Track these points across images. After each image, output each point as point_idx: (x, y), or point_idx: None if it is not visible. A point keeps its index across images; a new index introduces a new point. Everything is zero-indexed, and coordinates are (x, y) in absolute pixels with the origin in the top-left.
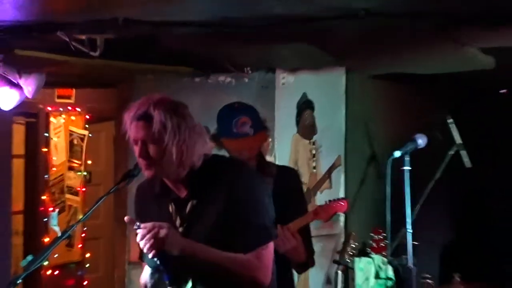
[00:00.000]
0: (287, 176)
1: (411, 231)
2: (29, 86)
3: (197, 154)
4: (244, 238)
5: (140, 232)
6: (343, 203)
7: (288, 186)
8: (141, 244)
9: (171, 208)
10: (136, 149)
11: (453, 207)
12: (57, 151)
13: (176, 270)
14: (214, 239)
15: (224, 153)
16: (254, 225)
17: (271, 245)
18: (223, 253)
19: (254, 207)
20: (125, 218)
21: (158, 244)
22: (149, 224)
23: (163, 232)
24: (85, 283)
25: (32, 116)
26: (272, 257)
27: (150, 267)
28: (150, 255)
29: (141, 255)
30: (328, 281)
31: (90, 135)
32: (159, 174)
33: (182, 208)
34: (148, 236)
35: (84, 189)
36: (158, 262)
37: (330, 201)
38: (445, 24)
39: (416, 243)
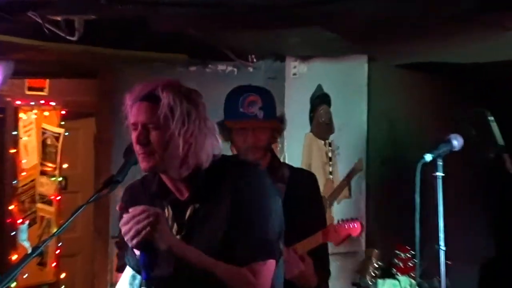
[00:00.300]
0: (303, 181)
1: (444, 248)
2: None
3: (206, 152)
4: (241, 250)
5: (125, 215)
6: (356, 225)
7: (303, 193)
8: (124, 229)
9: (167, 212)
10: (134, 134)
11: (493, 220)
12: (28, 153)
13: (158, 270)
14: (214, 250)
15: (228, 151)
16: (254, 237)
17: (271, 263)
18: (216, 261)
19: (258, 217)
20: (117, 206)
21: (145, 232)
22: (139, 207)
23: (154, 217)
24: None
25: None
26: (271, 277)
27: (132, 268)
28: (132, 244)
29: (119, 267)
30: None
31: (66, 133)
32: (159, 167)
33: (180, 213)
34: (136, 219)
35: (59, 198)
36: (140, 257)
37: (343, 220)
38: (485, 5)
39: (450, 262)
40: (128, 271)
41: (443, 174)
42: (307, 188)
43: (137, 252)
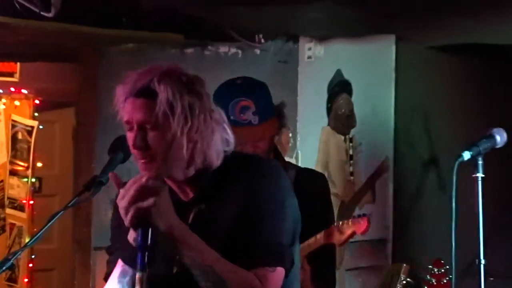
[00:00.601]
0: (311, 183)
1: (484, 262)
2: None
3: (215, 148)
4: (248, 253)
5: (123, 189)
6: (361, 222)
7: (311, 195)
8: (120, 203)
9: None
10: (130, 136)
11: None
12: None
13: (154, 255)
14: (222, 254)
15: None
16: (263, 241)
17: (280, 271)
18: (220, 256)
19: (270, 220)
20: (110, 175)
21: (143, 208)
22: (138, 177)
23: (158, 193)
24: None
25: None
26: (279, 286)
27: (123, 260)
28: (127, 221)
29: (107, 274)
30: None
31: (40, 127)
32: (163, 174)
33: (183, 215)
34: (138, 190)
35: (32, 202)
36: (136, 239)
37: (348, 218)
38: None
39: (492, 278)
40: (117, 269)
41: (483, 175)
42: (315, 191)
43: (131, 239)
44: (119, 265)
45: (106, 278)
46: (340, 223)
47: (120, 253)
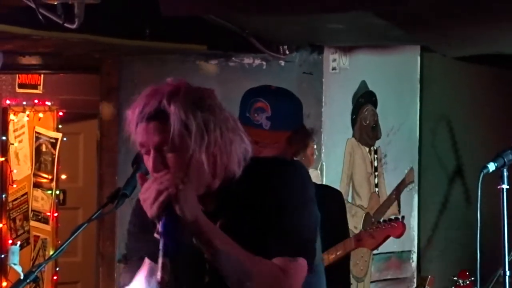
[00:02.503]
0: (327, 200)
1: (509, 273)
2: None
3: (235, 158)
4: (270, 242)
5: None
6: (396, 225)
7: (327, 213)
8: (144, 195)
9: None
10: (149, 161)
11: None
12: (19, 161)
13: (178, 244)
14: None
15: None
16: (285, 231)
17: (302, 262)
18: (244, 250)
19: (293, 214)
20: (138, 175)
21: (170, 193)
22: (166, 171)
23: (180, 179)
24: None
25: None
26: (302, 280)
27: (148, 256)
28: (152, 210)
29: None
30: None
31: (64, 139)
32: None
33: None
34: (158, 180)
35: (56, 214)
36: (161, 227)
37: (379, 222)
38: None
39: None
40: (144, 270)
41: (508, 187)
42: (331, 208)
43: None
44: (146, 265)
45: (124, 258)
46: (370, 228)
47: (147, 251)
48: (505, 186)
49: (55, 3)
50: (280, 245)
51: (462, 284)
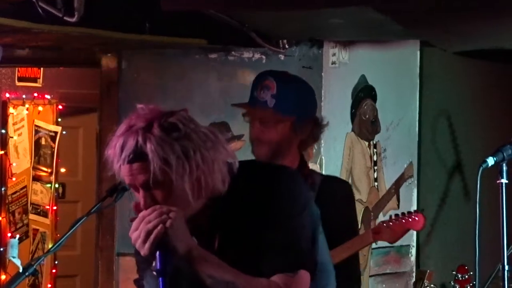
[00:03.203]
0: (336, 191)
1: (507, 268)
2: None
3: (219, 176)
4: (268, 260)
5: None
6: (417, 217)
7: (335, 204)
8: (134, 235)
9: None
10: (139, 198)
11: None
12: (18, 155)
13: (175, 279)
14: (248, 270)
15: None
16: (281, 246)
17: (304, 275)
18: (239, 272)
19: (287, 226)
20: (132, 204)
21: (157, 230)
22: (152, 208)
23: (171, 215)
24: None
25: None
26: None
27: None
28: (144, 250)
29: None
30: None
31: (64, 132)
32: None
33: (207, 242)
34: (146, 219)
35: (55, 208)
36: (155, 265)
37: (397, 215)
38: None
39: None
40: None
41: (507, 181)
42: (339, 199)
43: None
44: None
45: (136, 282)
46: (389, 221)
47: (148, 286)
48: (504, 181)
49: None
50: (278, 261)
51: (461, 279)
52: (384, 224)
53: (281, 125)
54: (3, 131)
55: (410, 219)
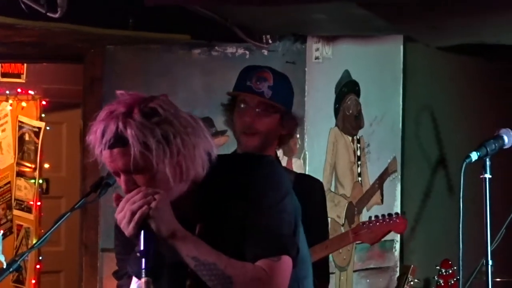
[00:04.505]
0: (308, 189)
1: (491, 263)
2: None
3: (199, 161)
4: (250, 246)
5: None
6: (398, 220)
7: (306, 202)
8: (120, 216)
9: None
10: (121, 183)
11: None
12: (2, 151)
13: (159, 259)
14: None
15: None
16: (264, 231)
17: (286, 260)
18: (224, 255)
19: (270, 211)
20: (113, 195)
21: (142, 211)
22: (137, 189)
23: (156, 197)
24: None
25: None
26: (289, 276)
27: (135, 275)
28: (128, 230)
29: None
30: None
31: (47, 128)
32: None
33: (188, 230)
34: (131, 199)
35: (39, 203)
36: (139, 246)
37: (376, 217)
38: None
39: (499, 279)
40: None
41: (490, 176)
42: (311, 197)
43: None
44: (135, 283)
45: (115, 273)
46: (369, 222)
47: (131, 270)
48: (487, 176)
49: None
50: (262, 247)
51: (444, 274)
52: (364, 225)
53: (273, 117)
54: None
55: (391, 221)
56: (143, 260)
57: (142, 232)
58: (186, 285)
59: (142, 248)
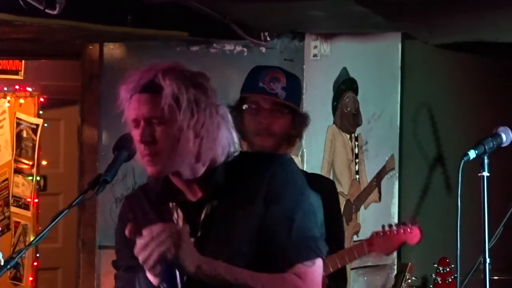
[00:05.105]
0: (321, 190)
1: (489, 261)
2: None
3: (221, 143)
4: (283, 252)
5: (141, 239)
6: (413, 231)
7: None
8: (143, 255)
9: (176, 215)
10: (137, 132)
11: None
12: (0, 147)
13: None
14: (242, 253)
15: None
16: (298, 236)
17: (319, 262)
18: (255, 273)
19: (300, 214)
20: (126, 231)
21: (168, 252)
22: (156, 226)
23: (177, 235)
24: None
25: None
26: (321, 279)
27: None
28: (155, 271)
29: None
30: None
31: (45, 125)
32: (169, 169)
33: (194, 214)
34: (157, 240)
35: (37, 200)
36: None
37: (390, 226)
38: None
39: (497, 277)
40: None
41: (488, 174)
42: (325, 196)
43: (151, 278)
44: None
45: (114, 263)
46: (383, 232)
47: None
48: (485, 174)
49: None
50: (298, 253)
51: (442, 272)
52: (378, 236)
53: (286, 117)
54: None
55: (405, 232)
56: None
57: (168, 272)
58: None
59: (167, 286)
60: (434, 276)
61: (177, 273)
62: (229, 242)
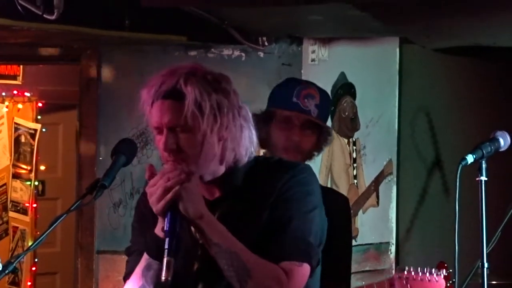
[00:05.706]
0: (334, 205)
1: (487, 265)
2: None
3: (244, 145)
4: (275, 246)
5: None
6: (438, 280)
7: (332, 218)
8: (151, 189)
9: None
10: (160, 140)
11: None
12: None
13: (180, 240)
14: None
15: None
16: (292, 235)
17: (306, 268)
18: (247, 249)
19: (300, 216)
20: (147, 166)
21: (176, 192)
22: (169, 164)
23: (186, 175)
24: None
25: None
26: (304, 284)
27: (148, 251)
28: (157, 207)
29: (126, 274)
30: None
31: (43, 129)
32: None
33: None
34: (166, 176)
35: (35, 205)
36: (166, 224)
37: (416, 269)
38: None
39: (495, 282)
40: (142, 264)
41: (486, 179)
42: (338, 214)
43: (159, 230)
44: (144, 260)
45: (125, 278)
46: (406, 276)
47: (146, 247)
48: (483, 178)
49: None
50: (287, 249)
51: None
52: (401, 278)
53: (315, 135)
54: None
55: (430, 281)
56: (167, 239)
57: (169, 212)
58: (194, 268)
59: (167, 228)
60: None
61: (178, 222)
62: (240, 241)
